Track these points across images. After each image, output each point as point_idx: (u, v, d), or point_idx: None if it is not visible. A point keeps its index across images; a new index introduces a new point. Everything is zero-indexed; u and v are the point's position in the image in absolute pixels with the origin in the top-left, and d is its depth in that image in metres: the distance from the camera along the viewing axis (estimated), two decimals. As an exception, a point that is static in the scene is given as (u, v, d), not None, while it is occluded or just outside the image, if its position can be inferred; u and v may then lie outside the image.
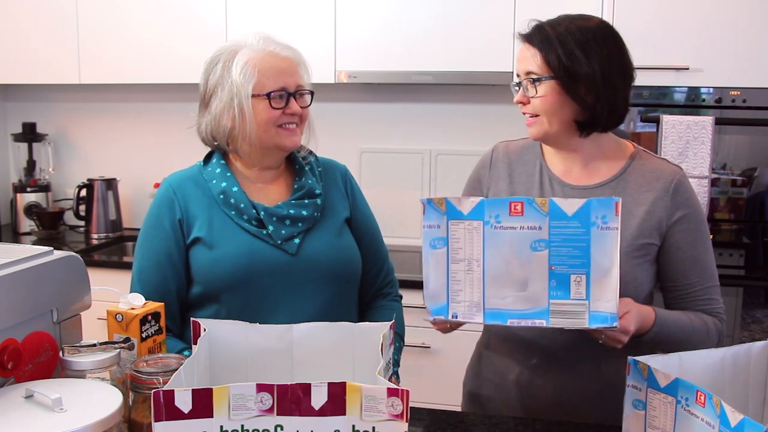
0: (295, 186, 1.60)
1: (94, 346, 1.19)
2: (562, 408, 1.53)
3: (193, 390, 0.92)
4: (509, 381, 1.59)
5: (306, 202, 1.58)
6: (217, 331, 1.20)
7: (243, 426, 0.93)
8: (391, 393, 0.93)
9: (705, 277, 1.52)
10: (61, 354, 1.18)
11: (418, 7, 2.84)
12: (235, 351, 1.21)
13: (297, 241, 1.55)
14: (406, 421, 0.93)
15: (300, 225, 1.56)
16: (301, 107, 1.55)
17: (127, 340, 1.24)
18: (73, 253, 1.27)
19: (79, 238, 3.43)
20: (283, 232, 1.54)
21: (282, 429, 0.94)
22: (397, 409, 0.93)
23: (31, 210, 3.44)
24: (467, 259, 1.28)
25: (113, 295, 1.32)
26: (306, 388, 0.93)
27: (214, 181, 1.57)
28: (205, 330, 1.17)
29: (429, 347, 2.64)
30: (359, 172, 3.26)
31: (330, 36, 2.91)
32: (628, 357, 1.19)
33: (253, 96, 1.49)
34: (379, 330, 1.18)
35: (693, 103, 2.52)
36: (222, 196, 1.55)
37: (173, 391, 0.91)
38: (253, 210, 1.54)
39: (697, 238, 1.51)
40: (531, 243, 1.23)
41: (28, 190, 3.47)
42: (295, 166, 1.64)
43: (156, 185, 3.37)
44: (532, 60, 1.47)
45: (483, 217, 1.25)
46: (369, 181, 3.26)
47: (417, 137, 3.26)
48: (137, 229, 1.64)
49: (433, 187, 3.25)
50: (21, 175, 3.56)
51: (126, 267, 2.96)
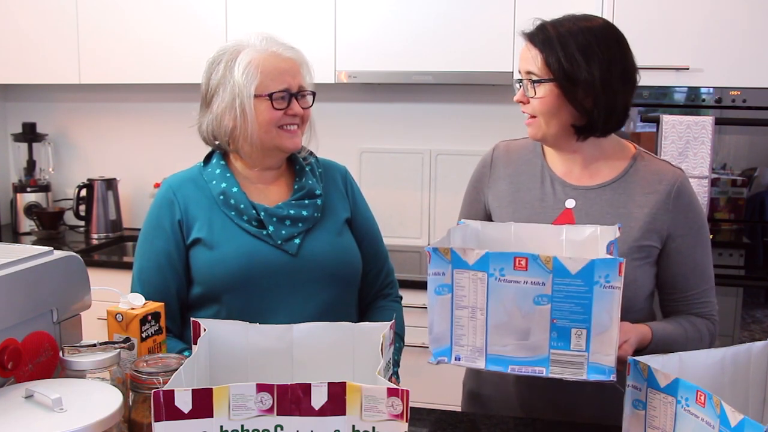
0: (295, 186, 1.60)
1: (94, 346, 1.19)
2: (562, 408, 1.53)
3: (193, 390, 0.92)
4: (509, 380, 1.59)
5: (306, 202, 1.58)
6: (217, 331, 1.20)
7: (243, 426, 0.93)
8: (391, 393, 0.93)
9: (703, 280, 1.52)
10: (61, 354, 1.18)
11: (418, 7, 2.84)
12: (235, 351, 1.21)
13: (297, 242, 1.54)
14: (406, 421, 0.93)
15: (300, 225, 1.56)
16: (303, 108, 1.55)
17: (127, 340, 1.24)
18: (73, 253, 1.27)
19: (79, 238, 3.42)
20: (284, 232, 1.54)
21: (282, 429, 0.94)
22: (397, 409, 0.93)
23: (31, 210, 3.44)
24: (471, 306, 1.29)
25: (113, 295, 1.32)
26: (306, 388, 0.93)
27: (214, 181, 1.57)
28: (205, 330, 1.17)
29: (429, 347, 2.64)
30: (359, 172, 3.26)
31: (330, 36, 2.91)
32: (628, 357, 1.19)
33: (255, 96, 1.49)
34: (379, 330, 1.18)
35: (693, 103, 2.51)
36: (222, 197, 1.55)
37: (173, 391, 0.91)
38: (253, 210, 1.53)
39: (697, 243, 1.51)
40: (534, 297, 1.23)
41: (28, 190, 3.47)
42: (295, 166, 1.63)
43: (156, 185, 3.36)
44: (532, 60, 1.46)
45: (488, 269, 1.25)
46: (369, 181, 3.26)
47: (417, 137, 3.26)
48: (137, 229, 1.64)
49: (433, 187, 3.25)
50: (21, 175, 3.55)
51: (126, 267, 2.96)
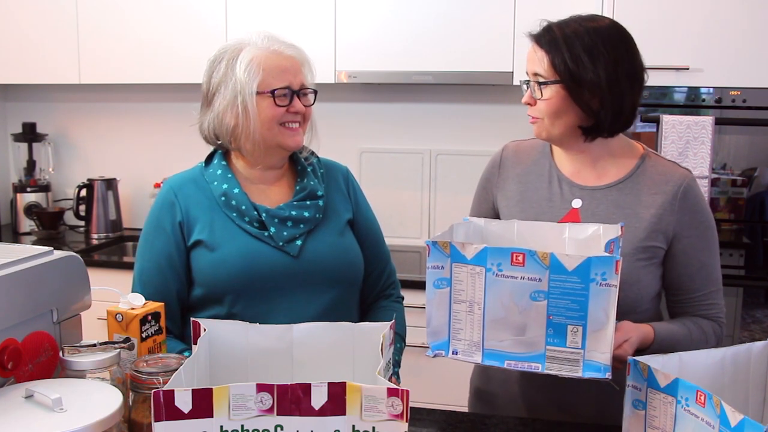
0: (297, 187, 1.60)
1: (94, 346, 1.19)
2: (566, 407, 1.53)
3: (193, 390, 0.92)
4: (514, 378, 1.59)
5: (308, 203, 1.57)
6: (217, 331, 1.20)
7: (243, 426, 0.93)
8: (391, 393, 0.93)
9: (709, 282, 1.51)
10: (61, 354, 1.18)
11: (418, 7, 2.84)
12: (235, 351, 1.21)
13: (299, 243, 1.54)
14: (406, 421, 0.93)
15: (302, 226, 1.55)
16: (305, 106, 1.55)
17: (127, 340, 1.24)
18: (73, 253, 1.27)
19: (79, 238, 3.42)
20: (285, 233, 1.53)
21: (282, 429, 0.94)
22: (397, 409, 0.93)
23: (31, 210, 3.44)
24: (469, 300, 1.30)
25: (113, 295, 1.32)
26: (306, 388, 0.93)
27: (216, 182, 1.56)
28: (205, 330, 1.17)
29: (429, 347, 2.63)
30: (359, 172, 3.26)
31: (330, 36, 2.91)
32: (629, 357, 1.19)
33: (257, 93, 1.49)
34: (379, 330, 1.18)
35: (693, 103, 2.51)
36: (223, 198, 1.54)
37: (173, 391, 0.91)
38: (255, 212, 1.53)
39: (704, 244, 1.50)
40: (530, 293, 1.24)
41: (28, 190, 3.47)
42: (297, 167, 1.63)
43: (156, 185, 3.36)
44: (539, 62, 1.46)
45: (485, 263, 1.26)
46: (369, 181, 3.26)
47: (417, 137, 3.26)
48: (137, 229, 1.64)
49: (433, 187, 3.24)
50: (21, 175, 3.55)
51: (126, 267, 2.96)
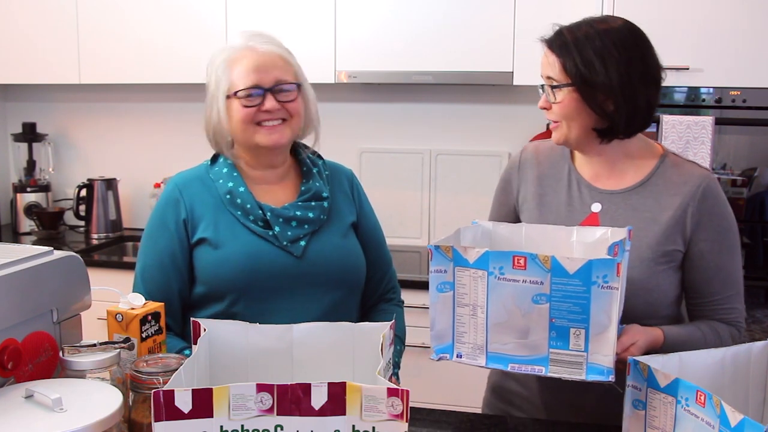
0: (302, 188, 1.59)
1: (94, 346, 1.19)
2: (584, 408, 1.52)
3: (193, 390, 0.92)
4: (532, 376, 1.58)
5: (313, 204, 1.57)
6: (217, 331, 1.20)
7: (243, 426, 0.93)
8: (391, 393, 0.93)
9: (727, 285, 1.50)
10: (61, 354, 1.18)
11: (418, 7, 2.84)
12: (235, 351, 1.21)
13: (303, 244, 1.54)
14: (406, 421, 0.93)
15: (306, 227, 1.55)
16: (283, 102, 1.51)
17: (127, 340, 1.24)
18: (73, 253, 1.27)
19: (79, 238, 3.42)
20: (289, 233, 1.53)
21: (282, 429, 0.94)
22: (397, 409, 0.93)
23: (31, 210, 3.44)
24: (472, 304, 1.30)
25: (113, 295, 1.32)
26: (306, 388, 0.93)
27: (221, 180, 1.56)
28: (205, 330, 1.17)
29: (429, 347, 2.64)
30: (359, 172, 3.26)
31: (330, 36, 2.91)
32: (628, 357, 1.19)
33: (227, 97, 1.50)
34: (379, 330, 1.18)
35: (693, 103, 2.51)
36: (228, 196, 1.54)
37: (173, 391, 0.91)
38: (260, 211, 1.53)
39: (723, 247, 1.48)
40: (532, 296, 1.24)
41: (28, 190, 3.47)
42: (302, 168, 1.63)
43: (156, 185, 3.36)
44: (551, 66, 1.46)
45: (487, 267, 1.27)
46: (369, 181, 3.25)
47: (417, 137, 3.26)
48: (137, 229, 1.64)
49: (433, 187, 3.24)
50: (21, 175, 3.55)
51: (126, 267, 2.96)
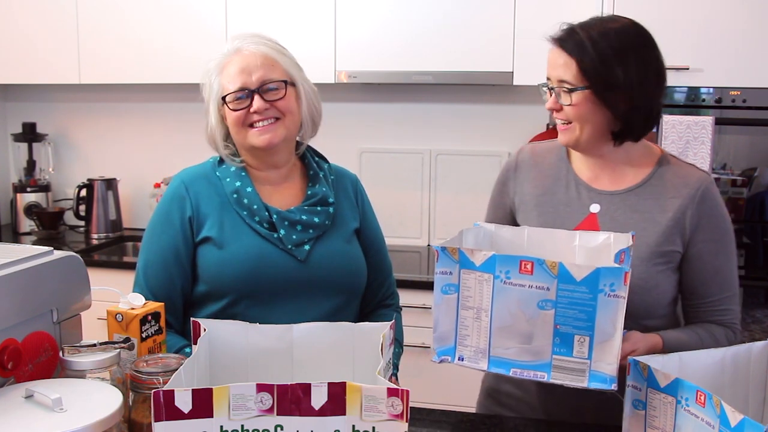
0: (308, 192, 1.59)
1: (94, 346, 1.19)
2: (582, 411, 1.51)
3: (193, 390, 0.92)
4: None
5: (318, 209, 1.57)
6: (217, 331, 1.20)
7: (243, 426, 0.93)
8: (391, 393, 0.93)
9: (724, 287, 1.49)
10: (61, 354, 1.18)
11: (418, 7, 2.84)
12: (235, 351, 1.21)
13: (307, 248, 1.54)
14: (406, 421, 0.93)
15: (311, 232, 1.55)
16: (272, 101, 1.50)
17: (127, 340, 1.24)
18: (73, 253, 1.27)
19: (79, 238, 3.42)
20: (294, 237, 1.53)
21: (282, 429, 0.94)
22: (397, 409, 0.93)
23: (31, 210, 3.44)
24: (476, 307, 1.30)
25: (113, 295, 1.32)
26: (306, 388, 0.93)
27: (228, 179, 1.56)
28: (205, 330, 1.17)
29: (429, 347, 2.64)
30: (359, 172, 3.26)
31: (330, 36, 2.91)
32: (628, 357, 1.19)
33: (220, 103, 1.52)
34: (379, 330, 1.18)
35: (693, 103, 2.51)
36: (235, 196, 1.54)
37: (173, 391, 0.91)
38: (266, 212, 1.53)
39: (720, 249, 1.48)
40: (538, 302, 1.24)
41: (28, 190, 3.47)
42: (308, 171, 1.63)
43: (156, 185, 3.36)
44: (565, 68, 1.42)
45: (494, 270, 1.26)
46: (369, 181, 3.24)
47: (417, 137, 3.26)
48: (137, 229, 1.64)
49: (433, 187, 3.24)
50: (21, 175, 3.55)
51: (126, 267, 2.97)
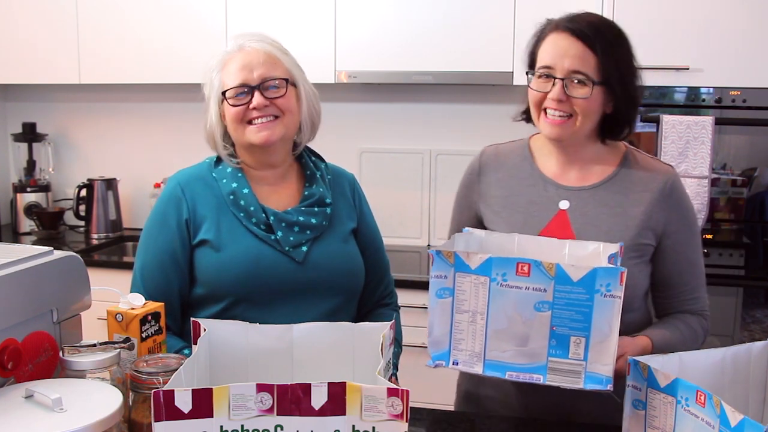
0: (305, 193, 1.59)
1: (94, 346, 1.19)
2: (562, 407, 1.53)
3: (193, 390, 0.92)
4: (508, 381, 1.59)
5: (316, 210, 1.56)
6: (217, 331, 1.20)
7: (243, 426, 0.93)
8: (391, 393, 0.93)
9: (695, 275, 1.53)
10: (61, 354, 1.18)
11: (418, 7, 2.84)
12: (235, 351, 1.21)
13: (305, 249, 1.53)
14: (406, 421, 0.93)
15: (308, 233, 1.55)
16: (272, 98, 1.50)
17: (127, 340, 1.24)
18: (73, 253, 1.27)
19: (79, 238, 3.42)
20: (292, 238, 1.52)
21: (282, 429, 0.94)
22: (397, 409, 0.93)
23: (31, 210, 3.44)
24: (471, 311, 1.30)
25: (113, 295, 1.32)
26: (306, 388, 0.93)
27: (225, 180, 1.55)
28: (205, 330, 1.17)
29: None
30: (359, 172, 3.26)
31: (330, 36, 2.91)
32: (628, 357, 1.19)
33: (220, 99, 1.52)
34: (379, 330, 1.18)
35: (693, 103, 2.51)
36: (232, 197, 1.53)
37: (173, 391, 0.91)
38: (263, 214, 1.52)
39: (690, 240, 1.52)
40: (535, 303, 1.24)
41: (28, 190, 3.47)
42: (305, 171, 1.63)
43: (156, 185, 3.36)
44: (583, 60, 1.41)
45: (490, 273, 1.26)
46: (369, 181, 3.25)
47: (417, 137, 3.26)
48: (137, 229, 1.64)
49: (433, 187, 3.24)
50: (21, 175, 3.55)
51: (126, 267, 2.96)
